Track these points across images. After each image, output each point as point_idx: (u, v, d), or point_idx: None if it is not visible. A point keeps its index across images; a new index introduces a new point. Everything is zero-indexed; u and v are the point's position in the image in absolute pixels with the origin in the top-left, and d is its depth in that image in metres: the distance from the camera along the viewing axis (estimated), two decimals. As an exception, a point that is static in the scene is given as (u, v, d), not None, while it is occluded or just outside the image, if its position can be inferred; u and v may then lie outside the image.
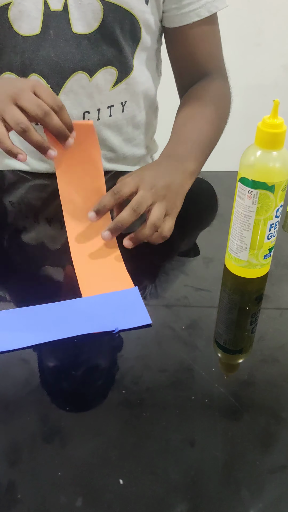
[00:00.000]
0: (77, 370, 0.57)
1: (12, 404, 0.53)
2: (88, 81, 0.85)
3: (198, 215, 0.84)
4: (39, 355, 0.59)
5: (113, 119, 0.91)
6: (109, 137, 0.93)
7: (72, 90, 0.85)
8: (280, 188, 0.63)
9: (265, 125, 0.60)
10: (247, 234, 0.66)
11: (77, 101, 0.86)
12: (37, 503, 0.44)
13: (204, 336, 0.62)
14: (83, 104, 0.87)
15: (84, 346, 0.59)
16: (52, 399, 0.54)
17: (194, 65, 0.91)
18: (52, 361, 0.58)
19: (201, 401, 0.53)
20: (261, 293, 0.69)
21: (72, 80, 0.84)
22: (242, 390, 0.55)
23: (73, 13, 0.79)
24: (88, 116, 0.88)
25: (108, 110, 0.89)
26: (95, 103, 0.88)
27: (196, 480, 0.46)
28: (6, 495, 0.45)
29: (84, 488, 0.45)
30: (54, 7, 0.78)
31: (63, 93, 0.85)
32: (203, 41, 0.90)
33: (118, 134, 0.94)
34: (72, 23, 0.80)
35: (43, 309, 0.63)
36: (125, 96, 0.90)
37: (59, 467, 0.47)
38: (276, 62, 1.93)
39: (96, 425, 0.51)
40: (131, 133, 0.97)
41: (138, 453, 0.48)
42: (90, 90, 0.86)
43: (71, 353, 0.59)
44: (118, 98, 0.89)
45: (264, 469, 0.47)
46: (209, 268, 0.72)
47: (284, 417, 0.52)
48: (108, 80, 0.86)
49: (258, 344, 0.61)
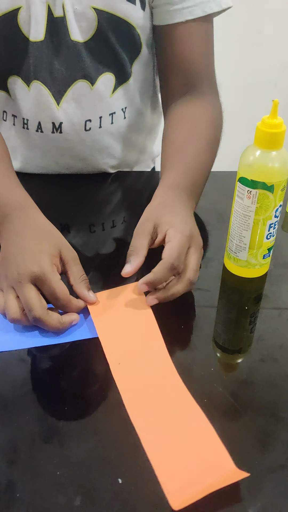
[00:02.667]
0: (76, 370, 0.57)
1: (11, 404, 0.53)
2: (90, 89, 0.84)
3: (197, 215, 0.84)
4: (37, 355, 0.59)
5: (115, 126, 0.90)
6: (112, 144, 0.92)
7: (74, 98, 0.84)
8: (279, 188, 0.63)
9: (264, 125, 0.60)
10: (246, 234, 0.66)
11: (79, 109, 0.85)
12: (36, 503, 0.44)
13: (203, 336, 0.62)
14: (85, 112, 0.86)
15: (82, 346, 0.59)
16: (50, 398, 0.54)
17: (182, 68, 0.84)
18: (51, 360, 0.58)
19: (200, 401, 0.53)
20: (260, 293, 0.69)
21: (74, 88, 0.83)
22: (241, 390, 0.55)
23: (70, 21, 0.78)
24: (90, 124, 0.87)
25: (110, 118, 0.88)
26: (97, 111, 0.87)
27: (194, 480, 0.46)
28: (5, 494, 0.45)
29: (83, 487, 0.45)
30: (57, 13, 0.78)
31: (64, 102, 0.84)
32: (194, 43, 0.82)
33: (120, 141, 0.93)
34: (70, 31, 0.79)
35: None
36: (124, 102, 0.89)
37: (57, 466, 0.47)
38: (276, 62, 1.93)
39: (95, 425, 0.51)
40: (134, 139, 0.96)
41: (137, 452, 0.48)
42: (91, 98, 0.85)
43: (70, 353, 0.59)
44: (119, 105, 0.88)
45: (263, 469, 0.47)
46: (208, 268, 0.72)
47: (283, 417, 0.52)
48: (107, 86, 0.85)
49: (257, 343, 0.61)
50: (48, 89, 0.83)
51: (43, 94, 0.83)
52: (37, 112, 0.85)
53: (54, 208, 0.84)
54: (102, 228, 0.81)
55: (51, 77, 0.82)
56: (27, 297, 0.57)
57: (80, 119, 0.86)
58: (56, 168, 0.93)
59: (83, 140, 0.89)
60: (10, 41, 0.80)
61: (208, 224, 0.82)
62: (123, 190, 0.93)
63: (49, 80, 0.82)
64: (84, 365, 0.58)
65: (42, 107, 0.84)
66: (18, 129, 0.89)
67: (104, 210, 0.86)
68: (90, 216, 0.84)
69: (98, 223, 0.82)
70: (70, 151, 0.90)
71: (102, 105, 0.87)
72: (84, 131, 0.87)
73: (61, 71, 0.82)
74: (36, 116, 0.85)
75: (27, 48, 0.80)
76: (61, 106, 0.84)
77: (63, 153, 0.90)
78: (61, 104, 0.84)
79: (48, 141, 0.88)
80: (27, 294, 0.57)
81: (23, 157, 0.92)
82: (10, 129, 0.90)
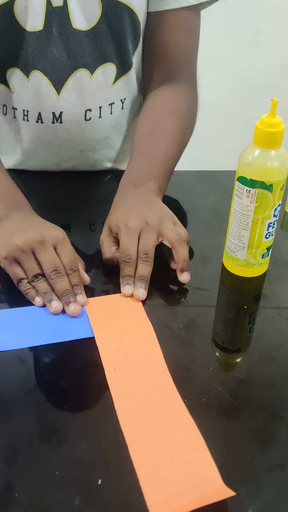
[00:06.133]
0: (75, 370, 0.57)
1: (9, 404, 0.53)
2: (90, 78, 0.84)
3: (196, 214, 0.84)
4: (36, 354, 0.59)
5: (114, 117, 0.91)
6: (111, 135, 0.93)
7: (74, 87, 0.84)
8: (278, 187, 0.63)
9: (263, 124, 0.60)
10: (245, 233, 0.66)
11: (79, 98, 0.85)
12: (35, 502, 0.44)
13: (202, 335, 0.62)
14: (85, 102, 0.86)
15: (81, 345, 0.59)
16: (49, 398, 0.54)
17: (164, 57, 0.87)
18: (49, 360, 0.58)
19: (199, 400, 0.53)
20: (259, 292, 0.69)
21: (74, 77, 0.83)
22: (240, 389, 0.55)
23: (72, 9, 0.79)
24: (90, 114, 0.87)
25: (109, 108, 0.89)
26: (97, 101, 0.87)
27: (194, 479, 0.46)
28: (3, 494, 0.45)
29: (82, 487, 0.45)
30: (56, 3, 0.78)
31: (65, 91, 0.84)
32: (181, 33, 0.85)
33: (119, 132, 0.94)
34: (72, 19, 0.79)
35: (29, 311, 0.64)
36: (124, 93, 0.90)
37: (56, 466, 0.47)
38: (274, 62, 1.93)
39: (94, 424, 0.51)
40: (132, 130, 0.96)
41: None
42: (91, 88, 0.85)
43: (69, 353, 0.59)
44: (118, 95, 0.89)
45: (262, 468, 0.47)
46: (207, 267, 0.72)
47: (282, 416, 0.52)
48: (108, 77, 0.86)
49: (256, 343, 0.61)
50: (48, 79, 0.83)
51: (43, 83, 0.83)
52: (37, 103, 0.85)
53: (53, 207, 0.85)
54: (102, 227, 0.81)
55: (51, 66, 0.82)
56: (53, 256, 0.64)
57: (80, 108, 0.86)
58: (56, 160, 0.93)
59: (83, 131, 0.89)
60: (7, 32, 0.80)
61: (207, 223, 0.82)
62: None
63: (49, 70, 0.82)
64: (83, 365, 0.58)
65: (42, 97, 0.84)
66: (18, 122, 0.89)
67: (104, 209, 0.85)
68: (89, 215, 0.84)
69: (98, 222, 0.82)
70: (70, 142, 0.90)
71: (102, 95, 0.87)
72: (84, 121, 0.88)
73: (61, 60, 0.82)
74: (36, 107, 0.85)
75: (24, 39, 0.80)
76: (61, 95, 0.84)
77: (63, 144, 0.90)
78: (62, 93, 0.84)
79: (48, 132, 0.88)
80: (53, 253, 0.64)
81: (23, 150, 0.93)
82: (11, 123, 0.90)
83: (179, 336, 0.61)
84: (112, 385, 0.54)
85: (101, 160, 0.95)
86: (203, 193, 0.86)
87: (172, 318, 0.64)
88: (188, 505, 0.44)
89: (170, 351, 0.58)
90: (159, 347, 0.59)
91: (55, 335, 0.60)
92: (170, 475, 0.46)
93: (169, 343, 0.59)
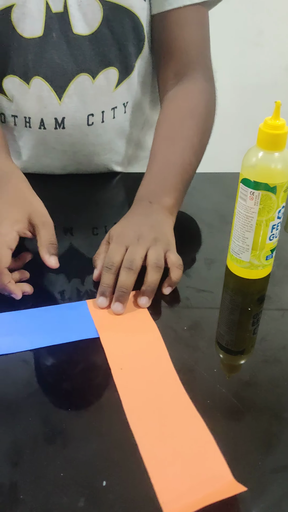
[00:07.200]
0: (79, 371, 0.57)
1: (14, 405, 0.53)
2: (91, 83, 0.84)
3: (199, 216, 0.84)
4: (40, 356, 0.59)
5: (117, 121, 0.90)
6: (114, 139, 0.93)
7: (76, 92, 0.84)
8: (282, 189, 0.63)
9: (267, 126, 0.60)
10: (249, 235, 0.66)
11: (81, 103, 0.85)
12: (40, 504, 0.44)
13: (206, 337, 0.62)
14: (87, 106, 0.86)
15: (86, 347, 0.59)
16: (54, 400, 0.54)
17: (175, 56, 0.84)
18: (54, 361, 0.59)
19: (203, 402, 0.53)
20: (263, 294, 0.69)
21: (75, 82, 0.83)
22: (244, 391, 0.55)
23: (73, 14, 0.79)
24: (93, 119, 0.87)
25: (112, 112, 0.89)
26: (99, 105, 0.87)
27: (198, 481, 0.46)
28: (9, 496, 0.45)
29: (87, 489, 0.45)
30: (55, 9, 0.78)
31: (66, 96, 0.84)
32: (189, 30, 0.83)
33: (122, 136, 0.94)
34: (72, 24, 0.79)
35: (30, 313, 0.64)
36: (126, 97, 0.89)
37: (61, 467, 0.47)
38: (276, 63, 1.93)
39: (99, 426, 0.51)
40: (135, 134, 0.96)
41: (141, 453, 0.48)
42: (93, 92, 0.85)
43: (73, 355, 0.59)
44: (121, 99, 0.89)
45: (267, 470, 0.47)
46: (211, 269, 0.72)
47: (286, 418, 0.52)
48: (111, 81, 0.86)
49: (260, 345, 0.61)
50: (50, 84, 0.83)
51: (44, 89, 0.83)
52: (39, 109, 0.85)
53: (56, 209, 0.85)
54: (105, 231, 0.81)
55: (52, 72, 0.82)
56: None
57: (83, 113, 0.86)
58: (59, 165, 0.93)
59: (86, 136, 0.89)
60: (4, 40, 0.80)
61: (211, 225, 0.82)
62: (126, 192, 0.93)
63: (50, 75, 0.82)
64: (88, 366, 0.58)
65: (44, 103, 0.84)
66: (20, 129, 0.89)
67: (107, 213, 0.86)
68: (92, 218, 0.84)
69: (101, 226, 0.82)
70: (73, 147, 0.90)
71: (105, 99, 0.87)
72: (87, 126, 0.87)
73: (61, 66, 0.81)
74: (39, 113, 0.85)
75: (22, 46, 0.80)
76: (63, 100, 0.84)
77: (66, 150, 0.90)
78: (63, 98, 0.84)
79: (51, 138, 0.88)
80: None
81: (26, 156, 0.92)
82: (12, 131, 0.90)
83: (183, 338, 0.61)
84: (119, 385, 0.54)
85: (104, 165, 0.95)
86: (206, 195, 0.86)
87: (176, 320, 0.64)
88: (200, 500, 0.44)
89: (174, 352, 0.58)
90: (164, 345, 0.59)
91: (58, 336, 0.60)
92: (181, 471, 0.47)
93: (173, 345, 0.60)
